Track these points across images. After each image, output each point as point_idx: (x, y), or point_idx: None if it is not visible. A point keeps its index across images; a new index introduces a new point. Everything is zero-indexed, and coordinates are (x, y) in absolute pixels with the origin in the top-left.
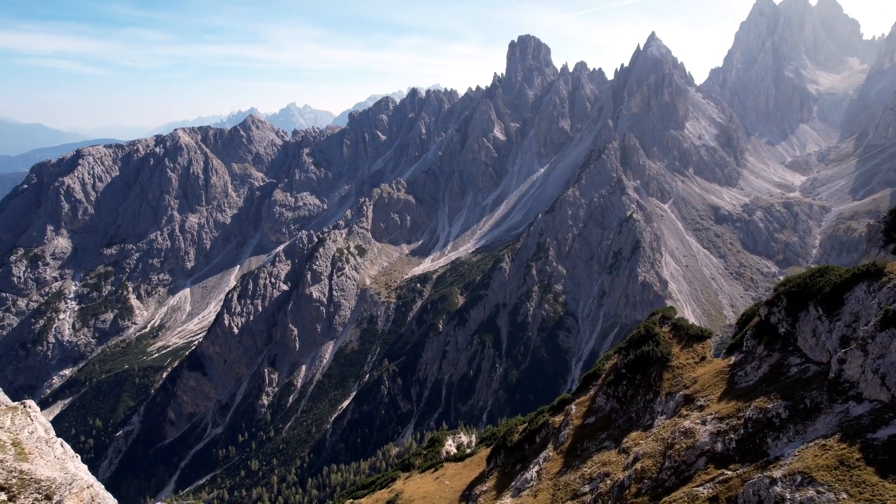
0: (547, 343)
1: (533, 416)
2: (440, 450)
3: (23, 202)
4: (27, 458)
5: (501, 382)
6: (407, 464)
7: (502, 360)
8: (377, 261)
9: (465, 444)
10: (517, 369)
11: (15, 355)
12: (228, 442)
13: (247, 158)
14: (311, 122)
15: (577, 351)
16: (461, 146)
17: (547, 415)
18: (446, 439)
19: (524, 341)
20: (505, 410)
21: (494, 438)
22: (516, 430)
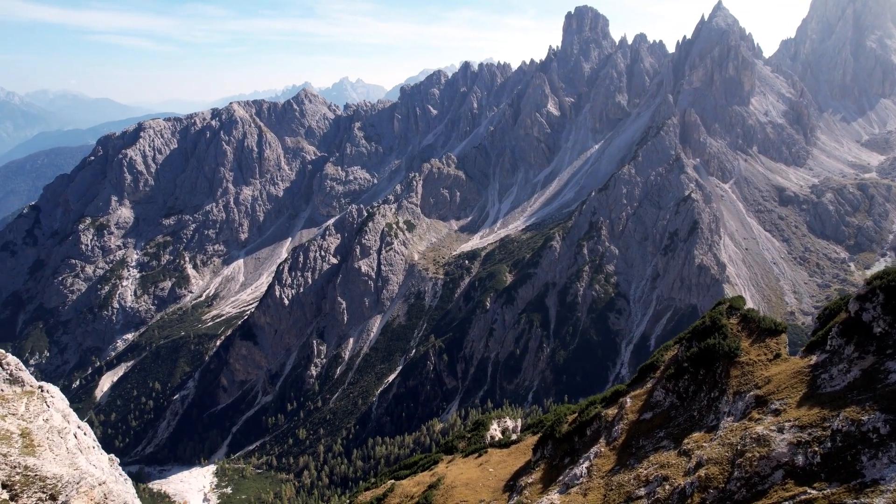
0: (596, 324)
1: (584, 407)
2: (484, 434)
3: (90, 173)
4: (34, 452)
5: (548, 363)
6: (450, 447)
7: (550, 341)
8: (426, 236)
9: (511, 428)
10: (565, 350)
11: (84, 318)
12: (278, 410)
13: (299, 132)
14: (363, 96)
15: (627, 334)
16: (513, 121)
17: (599, 406)
18: (491, 423)
19: (573, 322)
20: (551, 391)
21: (541, 426)
22: (565, 419)
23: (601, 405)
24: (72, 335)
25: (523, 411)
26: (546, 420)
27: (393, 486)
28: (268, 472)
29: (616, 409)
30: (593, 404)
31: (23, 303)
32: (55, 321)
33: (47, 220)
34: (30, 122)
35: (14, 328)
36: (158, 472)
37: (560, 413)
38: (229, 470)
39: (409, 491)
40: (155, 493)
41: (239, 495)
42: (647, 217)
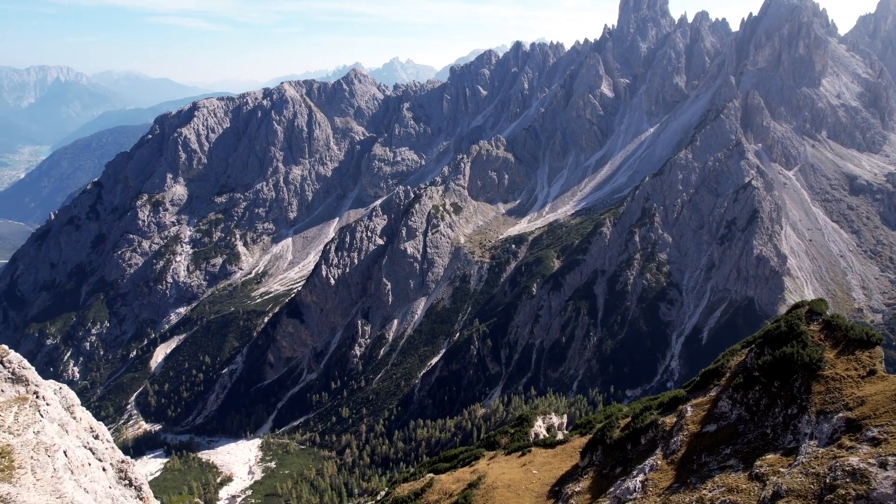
0: (646, 314)
1: (638, 411)
2: (528, 431)
3: (148, 151)
4: (12, 476)
5: (595, 352)
6: (492, 442)
7: (597, 329)
8: (472, 219)
9: (556, 426)
10: (612, 340)
11: (140, 292)
12: (322, 388)
13: (348, 112)
14: (413, 76)
15: (678, 325)
16: (565, 103)
17: (655, 413)
18: (536, 419)
19: (622, 311)
20: (597, 381)
21: (589, 427)
22: (617, 423)
23: (657, 411)
24: (129, 307)
25: (567, 400)
26: (595, 421)
27: (432, 480)
28: (311, 448)
29: (675, 417)
30: (648, 410)
31: (86, 274)
32: (114, 293)
33: (108, 195)
34: (96, 101)
35: (78, 298)
36: (207, 443)
37: (611, 415)
38: (274, 445)
39: (449, 488)
40: (203, 463)
41: (282, 470)
42: (703, 204)
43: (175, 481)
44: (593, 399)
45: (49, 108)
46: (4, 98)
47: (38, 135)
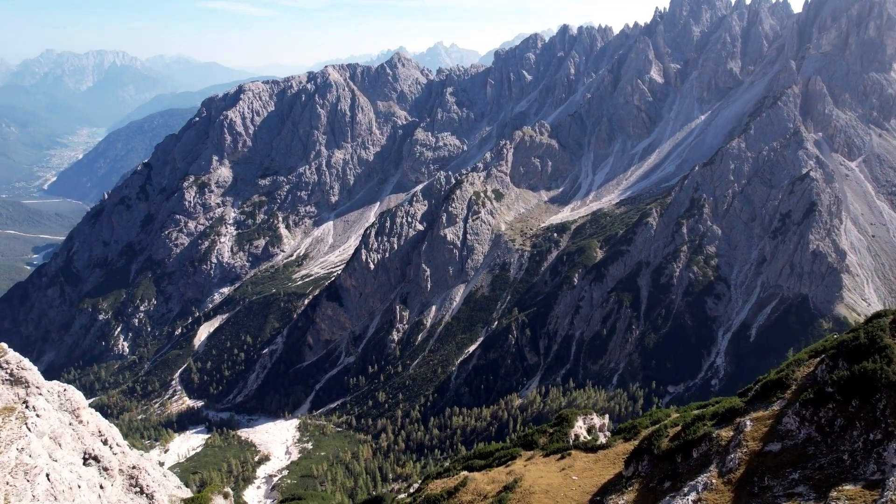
0: (692, 309)
1: (689, 421)
2: (568, 431)
3: (195, 133)
4: None
5: (637, 345)
6: (529, 441)
7: (640, 322)
8: (514, 206)
9: (598, 427)
10: (655, 333)
11: (186, 271)
12: (359, 372)
13: (391, 96)
14: (456, 61)
15: (725, 321)
16: (612, 88)
17: (708, 424)
18: (576, 419)
19: (666, 304)
20: (638, 376)
21: (633, 432)
22: (665, 432)
23: (711, 422)
24: (175, 286)
25: (606, 394)
26: (640, 426)
27: (466, 479)
28: (347, 431)
29: (731, 431)
30: (701, 420)
31: (135, 253)
32: (161, 272)
33: (157, 176)
34: (149, 85)
35: (128, 276)
36: (247, 421)
37: (658, 420)
38: (311, 426)
39: (483, 489)
40: (243, 441)
41: (319, 451)
42: (756, 196)
43: (215, 458)
44: (634, 394)
45: (105, 91)
46: (65, 82)
47: (96, 117)
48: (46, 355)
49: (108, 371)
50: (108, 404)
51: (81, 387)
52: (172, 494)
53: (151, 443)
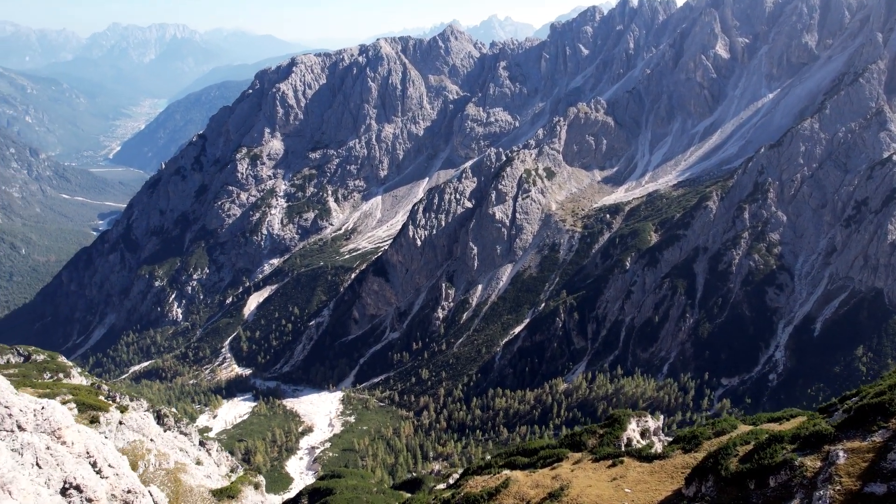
0: (751, 299)
1: (763, 440)
2: (620, 434)
3: (248, 105)
4: None
5: (690, 334)
6: (577, 442)
7: (694, 311)
8: (565, 185)
9: (652, 430)
10: (710, 323)
11: (237, 242)
12: (403, 348)
13: (443, 70)
14: (511, 34)
15: (787, 313)
16: (674, 64)
17: (788, 447)
18: (629, 421)
19: (723, 293)
20: (690, 366)
21: (695, 443)
22: (734, 450)
23: (791, 446)
24: (227, 256)
25: (656, 383)
26: (701, 436)
27: (507, 480)
28: (389, 406)
29: (819, 461)
30: (779, 442)
31: (189, 223)
32: (214, 242)
33: (212, 148)
34: (207, 57)
35: (182, 245)
36: (292, 391)
37: (722, 431)
38: (354, 399)
39: (526, 493)
40: (287, 411)
41: (361, 425)
42: (828, 181)
43: (260, 426)
44: (685, 385)
45: (167, 63)
46: (130, 55)
47: (157, 88)
48: (108, 318)
49: (163, 336)
50: (162, 368)
51: (139, 349)
52: (201, 485)
53: (201, 408)
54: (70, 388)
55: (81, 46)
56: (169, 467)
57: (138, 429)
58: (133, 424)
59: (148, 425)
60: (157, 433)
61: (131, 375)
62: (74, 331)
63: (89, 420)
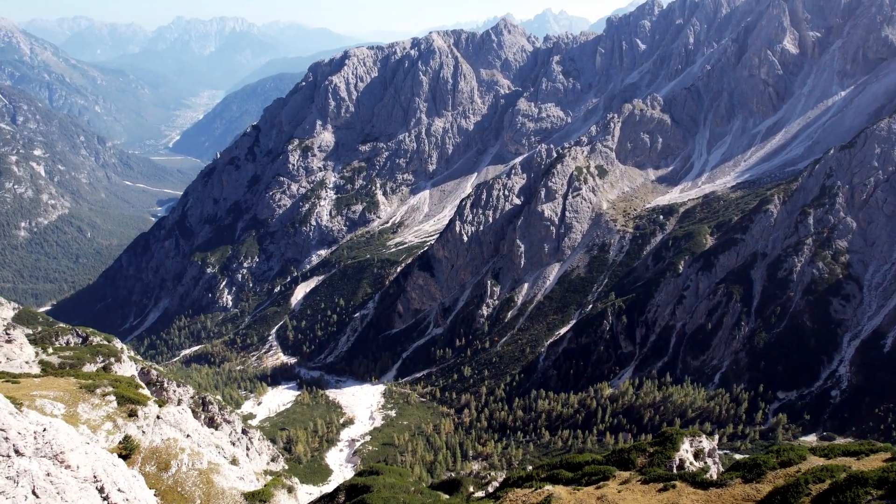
0: (813, 309)
1: (841, 480)
2: (672, 455)
3: (301, 98)
4: None
5: (744, 343)
6: (625, 459)
7: (750, 319)
8: (618, 184)
9: (707, 452)
10: (767, 332)
11: (286, 232)
12: (446, 344)
13: (495, 64)
14: (565, 28)
15: (853, 326)
16: (736, 59)
17: (872, 492)
18: (682, 441)
19: (782, 301)
20: (743, 376)
21: (757, 472)
22: (805, 487)
23: (876, 491)
24: (276, 245)
25: (706, 393)
26: (765, 465)
27: (549, 498)
28: (430, 402)
29: None
30: (861, 484)
31: (241, 212)
32: (265, 231)
33: (265, 139)
34: (264, 50)
35: (234, 233)
36: (335, 382)
37: (789, 462)
38: (396, 393)
39: None
40: (330, 402)
41: (401, 420)
42: None
43: (303, 415)
44: (737, 396)
45: (225, 56)
46: (192, 47)
47: (216, 80)
48: (162, 302)
49: (213, 322)
50: (211, 353)
51: (190, 334)
52: (233, 487)
53: (247, 394)
54: (111, 379)
55: (148, 39)
56: (202, 467)
57: (175, 423)
58: (170, 419)
59: (185, 420)
60: (194, 428)
61: (182, 359)
62: (131, 313)
63: (128, 413)
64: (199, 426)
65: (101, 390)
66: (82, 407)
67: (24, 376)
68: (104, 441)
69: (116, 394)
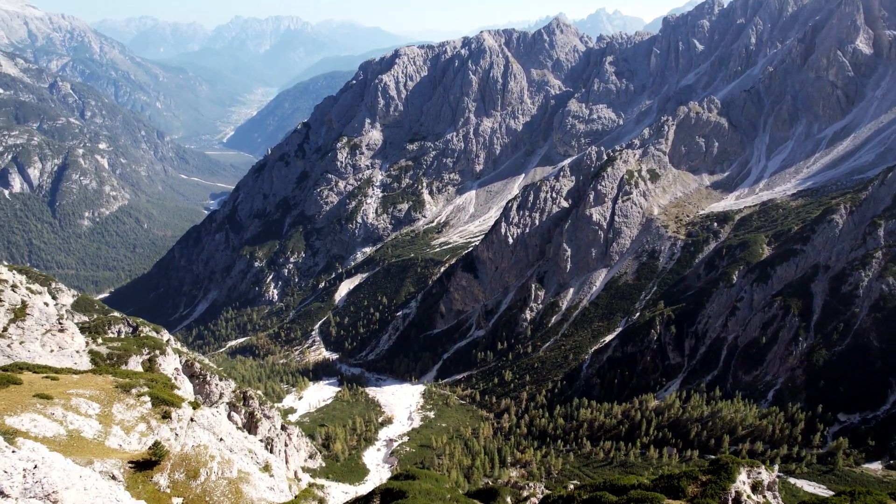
0: (880, 327)
1: None
2: (727, 486)
3: (351, 96)
4: None
5: (802, 360)
6: (675, 487)
7: (809, 335)
8: (670, 189)
9: (766, 485)
10: (828, 350)
11: (333, 229)
12: (488, 347)
13: (546, 64)
14: (619, 28)
15: None
16: (802, 61)
17: None
18: (739, 471)
19: (845, 318)
20: (800, 395)
21: None
22: None
23: None
24: (322, 242)
25: (759, 410)
26: None
27: None
28: (469, 405)
29: None
30: None
31: (290, 208)
32: (311, 227)
33: (314, 136)
34: (317, 48)
35: (282, 228)
36: (375, 380)
37: None
38: (435, 394)
39: None
40: (369, 400)
41: (440, 422)
42: None
43: (342, 412)
44: (793, 415)
45: (279, 54)
46: (248, 45)
47: (270, 77)
48: (211, 293)
49: (259, 315)
50: (256, 345)
51: (236, 326)
52: (262, 498)
53: (288, 388)
54: (148, 379)
55: (207, 38)
56: (231, 476)
57: (209, 426)
58: (204, 422)
59: (219, 423)
60: (227, 431)
61: (228, 350)
62: (182, 303)
63: (161, 415)
64: (233, 429)
65: (137, 390)
66: (117, 407)
67: (65, 371)
68: (136, 443)
69: (151, 394)
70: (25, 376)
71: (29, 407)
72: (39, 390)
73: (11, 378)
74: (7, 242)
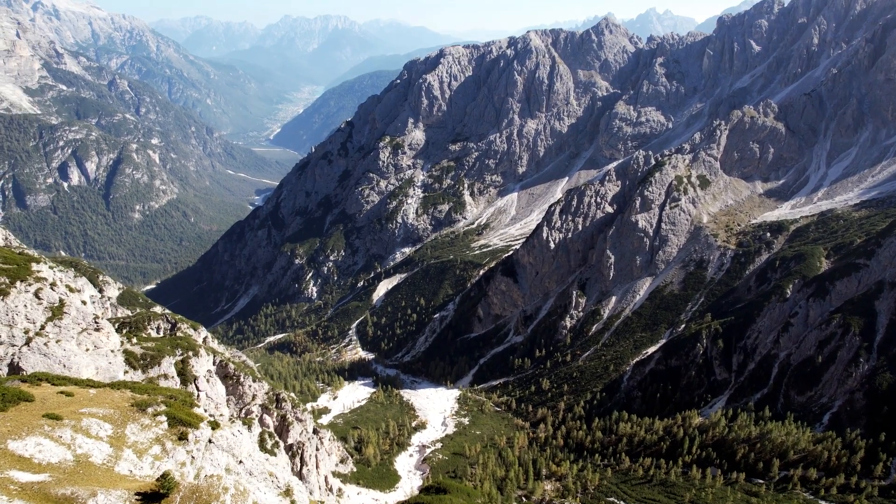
0: None
1: None
2: None
3: (395, 95)
4: None
5: (863, 383)
6: None
7: (871, 356)
8: (721, 196)
9: None
10: (892, 373)
11: (373, 228)
12: (526, 353)
13: (594, 65)
14: (669, 28)
15: None
16: (870, 62)
17: None
18: None
19: None
20: (860, 421)
21: None
22: None
23: None
24: (362, 241)
25: (813, 434)
26: None
27: None
28: (505, 413)
29: None
30: None
31: (331, 206)
32: (352, 226)
33: (357, 135)
34: (363, 47)
35: (322, 226)
36: (410, 383)
37: None
38: (470, 400)
39: None
40: (403, 403)
41: (474, 429)
42: None
43: (376, 414)
44: (851, 442)
45: (326, 52)
46: (296, 44)
47: (317, 76)
48: (252, 289)
49: (298, 311)
50: (293, 342)
51: (275, 322)
52: None
53: (324, 387)
54: (166, 396)
55: (257, 36)
56: None
57: (228, 448)
58: (223, 443)
59: (239, 444)
60: (248, 453)
61: (266, 346)
62: (223, 297)
63: (178, 437)
64: (254, 450)
65: (153, 409)
66: (131, 428)
67: (84, 384)
68: (149, 468)
69: (168, 413)
70: (39, 391)
71: (36, 429)
72: (51, 408)
73: (24, 395)
74: (65, 233)
